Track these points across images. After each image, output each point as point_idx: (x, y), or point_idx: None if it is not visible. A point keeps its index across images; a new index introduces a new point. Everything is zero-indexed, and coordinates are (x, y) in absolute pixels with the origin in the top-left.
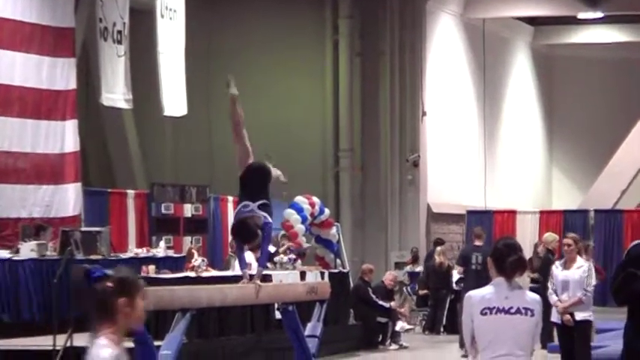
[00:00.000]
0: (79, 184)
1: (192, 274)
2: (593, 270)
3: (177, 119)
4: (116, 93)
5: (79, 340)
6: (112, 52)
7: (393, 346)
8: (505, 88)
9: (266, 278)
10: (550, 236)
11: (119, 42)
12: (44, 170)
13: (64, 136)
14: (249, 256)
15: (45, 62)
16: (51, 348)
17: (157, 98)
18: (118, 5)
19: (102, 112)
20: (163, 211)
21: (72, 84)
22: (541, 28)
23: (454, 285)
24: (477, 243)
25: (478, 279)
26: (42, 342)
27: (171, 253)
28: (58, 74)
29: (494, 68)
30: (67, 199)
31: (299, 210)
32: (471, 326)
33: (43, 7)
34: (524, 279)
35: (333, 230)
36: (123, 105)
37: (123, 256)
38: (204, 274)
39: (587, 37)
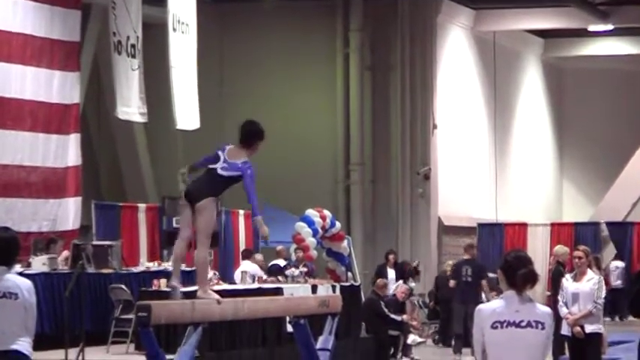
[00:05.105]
0: (79, 199)
1: None
2: (603, 283)
3: (189, 133)
4: (131, 107)
5: (91, 353)
6: (126, 66)
7: (405, 359)
8: (516, 100)
9: (277, 291)
10: (561, 249)
11: (133, 56)
12: (52, 184)
13: (68, 150)
14: (249, 265)
15: (55, 76)
16: None
17: (169, 112)
18: (132, 19)
19: (113, 125)
20: (174, 224)
21: (75, 98)
22: (552, 40)
23: None
24: (466, 257)
25: (465, 290)
26: (53, 356)
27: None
28: (67, 88)
29: (504, 81)
30: (67, 213)
31: (310, 223)
32: (481, 340)
33: (52, 21)
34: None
35: (344, 243)
36: (138, 119)
37: (134, 269)
38: (216, 288)
39: (598, 49)
